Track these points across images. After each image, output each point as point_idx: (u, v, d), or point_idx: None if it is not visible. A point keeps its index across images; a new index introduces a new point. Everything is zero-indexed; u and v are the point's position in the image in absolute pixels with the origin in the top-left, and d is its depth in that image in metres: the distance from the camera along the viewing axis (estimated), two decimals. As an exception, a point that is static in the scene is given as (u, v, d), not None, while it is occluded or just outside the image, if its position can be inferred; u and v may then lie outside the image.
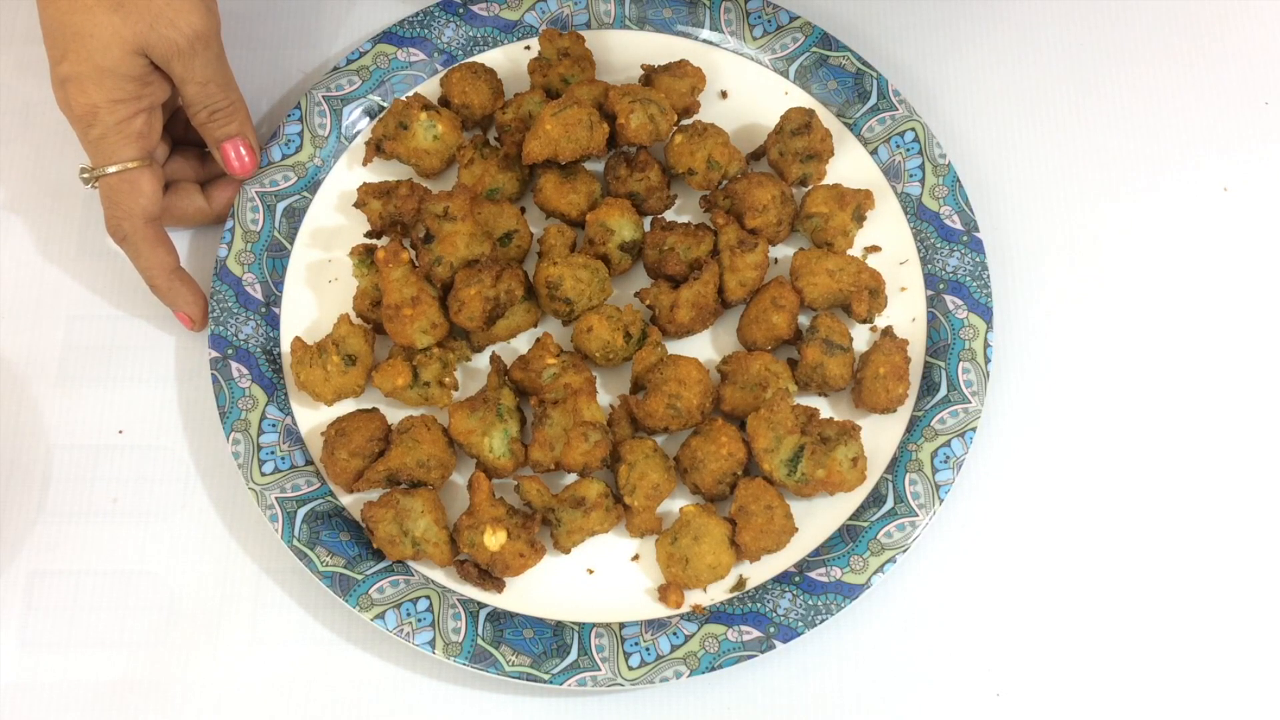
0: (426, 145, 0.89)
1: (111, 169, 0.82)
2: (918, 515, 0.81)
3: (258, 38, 0.97)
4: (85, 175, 0.83)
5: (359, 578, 0.80)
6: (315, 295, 0.89)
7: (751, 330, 0.85)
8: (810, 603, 0.79)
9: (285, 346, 0.87)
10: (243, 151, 0.87)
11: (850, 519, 0.82)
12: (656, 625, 0.80)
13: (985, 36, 0.98)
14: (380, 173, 0.92)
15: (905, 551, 0.81)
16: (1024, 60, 0.97)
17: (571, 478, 0.83)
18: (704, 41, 0.95)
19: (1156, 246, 0.92)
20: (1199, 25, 0.98)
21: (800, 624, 0.79)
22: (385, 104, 0.93)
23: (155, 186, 0.83)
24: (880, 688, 0.80)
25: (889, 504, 0.82)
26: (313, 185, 0.91)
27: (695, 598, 0.81)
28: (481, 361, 0.87)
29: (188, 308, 0.86)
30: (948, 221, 0.89)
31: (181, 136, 0.90)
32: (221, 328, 0.86)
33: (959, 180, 0.90)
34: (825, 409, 0.86)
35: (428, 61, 0.94)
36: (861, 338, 0.87)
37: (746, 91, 0.94)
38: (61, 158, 0.93)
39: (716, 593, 0.81)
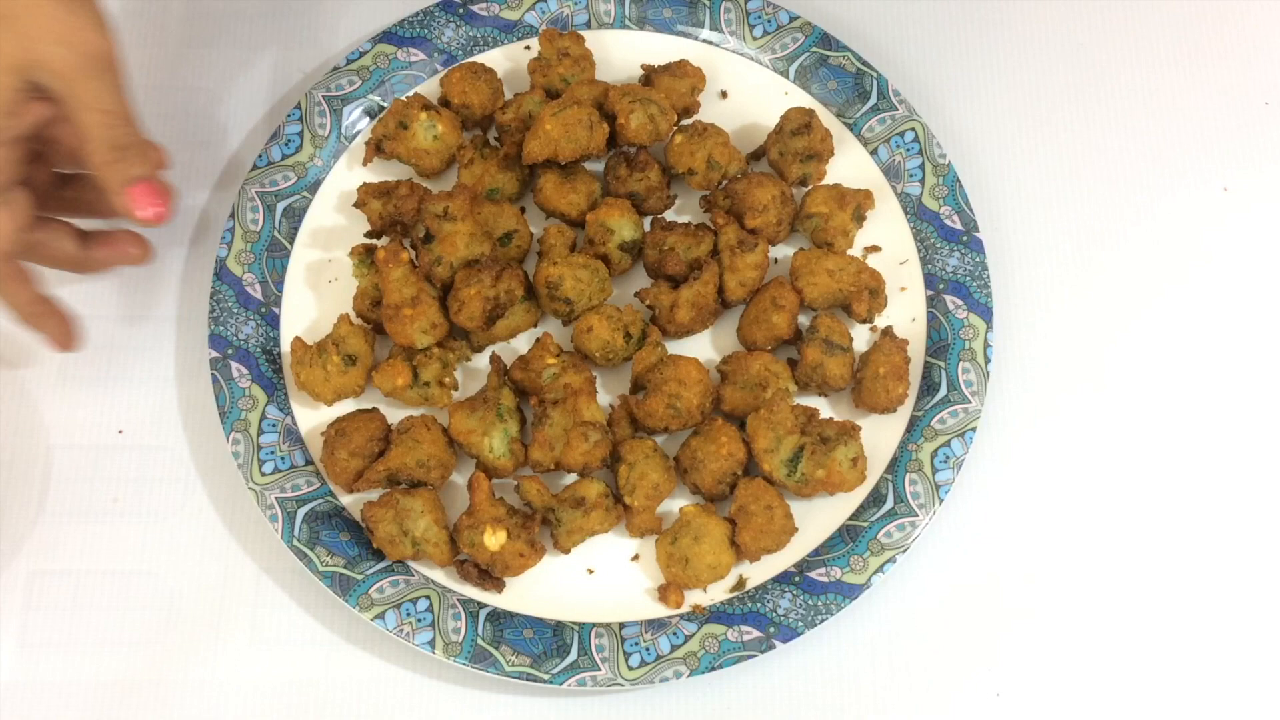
0: (426, 145, 0.89)
1: None
2: (918, 515, 0.81)
3: (258, 38, 0.97)
4: None
5: (359, 578, 0.80)
6: (315, 295, 0.89)
7: (751, 330, 0.85)
8: (810, 603, 0.79)
9: (285, 346, 0.87)
10: (148, 193, 0.75)
11: (850, 519, 0.82)
12: (656, 625, 0.80)
13: (986, 36, 0.98)
14: (380, 173, 0.92)
15: (905, 551, 0.81)
16: (1025, 60, 0.97)
17: (571, 478, 0.83)
18: (704, 41, 0.95)
19: (1156, 246, 0.92)
20: (1199, 25, 0.98)
21: (800, 624, 0.79)
22: (385, 104, 0.93)
23: (10, 226, 0.74)
24: (880, 688, 0.80)
25: (889, 504, 0.82)
26: (313, 185, 0.91)
27: (695, 598, 0.81)
28: (481, 361, 0.87)
29: (55, 335, 0.80)
30: (948, 221, 0.89)
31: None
32: (221, 328, 0.86)
33: (959, 180, 0.90)
34: (825, 409, 0.86)
35: (428, 61, 0.94)
36: (861, 338, 0.87)
37: (746, 91, 0.94)
38: (61, 158, 0.93)
39: (716, 593, 0.81)
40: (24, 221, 0.75)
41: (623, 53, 0.94)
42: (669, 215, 0.91)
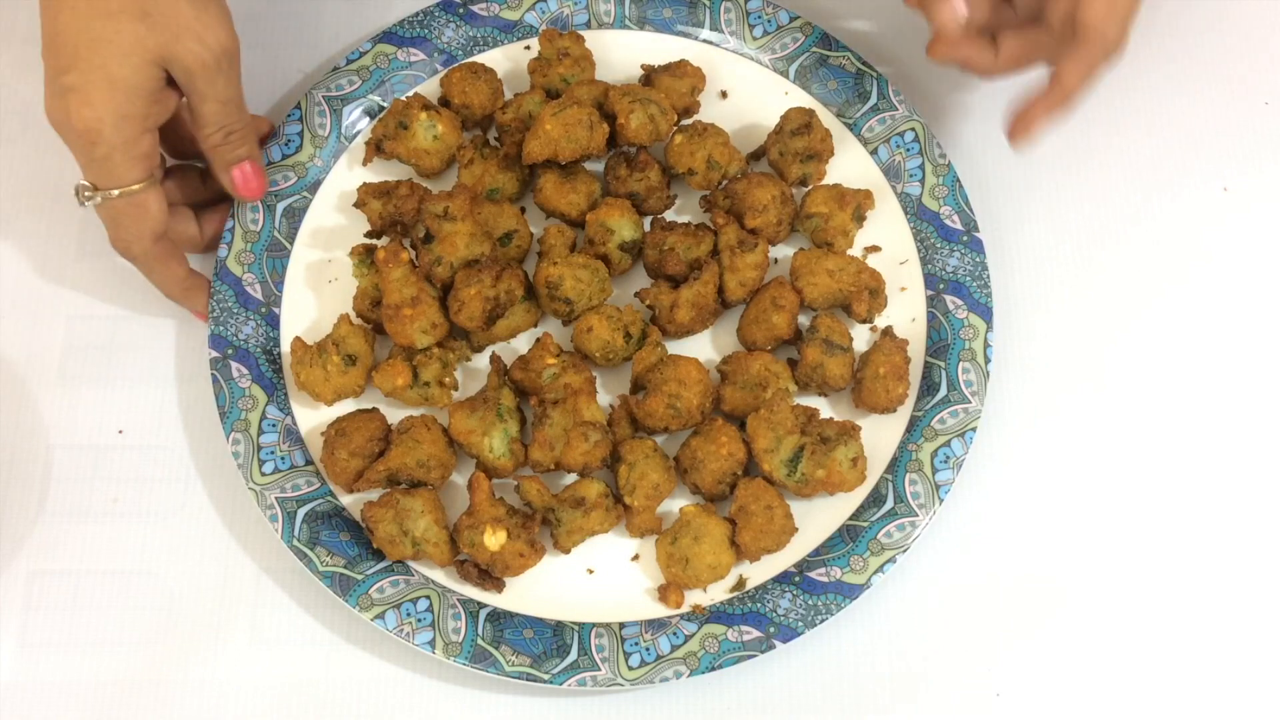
0: (426, 145, 0.89)
1: (116, 192, 0.79)
2: (918, 515, 0.81)
3: (258, 38, 0.97)
4: (88, 195, 0.79)
5: (359, 578, 0.80)
6: (315, 295, 0.89)
7: (751, 330, 0.85)
8: (810, 603, 0.79)
9: (285, 346, 0.87)
10: (249, 173, 0.85)
11: (850, 519, 0.82)
12: (656, 625, 0.80)
13: (985, 36, 0.98)
14: (380, 173, 0.92)
15: (905, 551, 0.81)
16: (1024, 60, 0.97)
17: (571, 478, 0.83)
18: (704, 41, 0.95)
19: (1156, 246, 0.92)
20: (1199, 25, 0.98)
21: (800, 624, 0.79)
22: (385, 104, 0.93)
23: (162, 205, 0.81)
24: (880, 688, 0.80)
25: (889, 504, 0.82)
26: (313, 185, 0.91)
27: (695, 598, 0.81)
28: (481, 361, 0.87)
29: (205, 308, 0.86)
30: (948, 221, 0.89)
31: (176, 155, 0.88)
32: (221, 328, 0.86)
33: (959, 180, 0.90)
34: (825, 409, 0.86)
35: (428, 61, 0.94)
36: (861, 338, 0.87)
37: (746, 91, 0.94)
38: (62, 158, 0.92)
39: (716, 593, 0.81)
40: (167, 204, 0.82)
41: (623, 53, 0.94)
42: (669, 215, 0.91)
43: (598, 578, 0.82)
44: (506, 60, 0.95)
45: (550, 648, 0.79)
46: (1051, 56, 0.81)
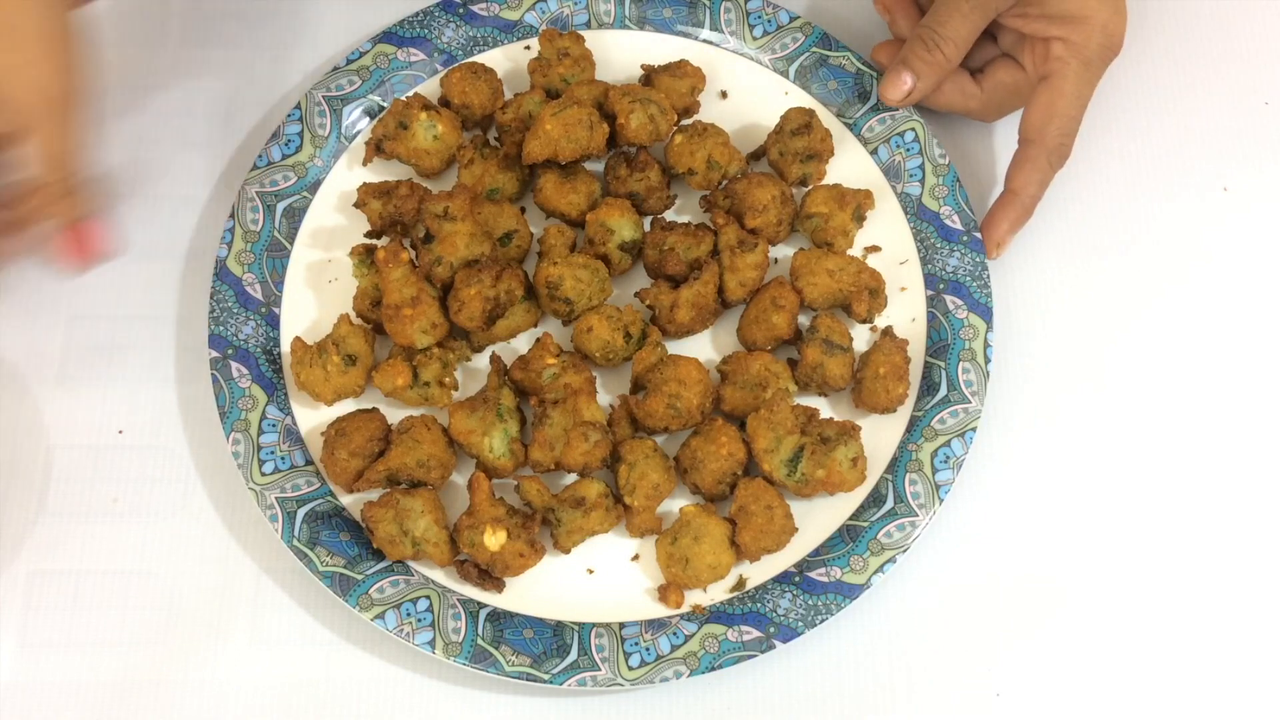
0: (426, 145, 0.89)
1: None
2: (918, 515, 0.81)
3: (258, 38, 0.97)
4: None
5: (359, 578, 0.80)
6: (315, 295, 0.89)
7: (751, 330, 0.85)
8: (810, 603, 0.79)
9: (285, 346, 0.87)
10: (73, 245, 0.77)
11: (850, 519, 0.82)
12: (656, 625, 0.80)
13: (985, 36, 0.98)
14: (380, 173, 0.92)
15: (905, 551, 0.81)
16: (1024, 60, 0.97)
17: (571, 478, 0.83)
18: (704, 41, 0.95)
19: (1156, 246, 0.92)
20: (1199, 25, 0.98)
21: (800, 624, 0.79)
22: (385, 104, 0.93)
23: None
24: (880, 688, 0.80)
25: (889, 504, 0.82)
26: (313, 185, 0.91)
27: (695, 598, 0.81)
28: (481, 361, 0.87)
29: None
30: (948, 221, 0.89)
31: None
32: (221, 328, 0.86)
33: (959, 180, 0.90)
34: (825, 409, 0.86)
35: (428, 61, 0.94)
36: (861, 338, 0.87)
37: (746, 91, 0.94)
38: (61, 158, 0.93)
39: (716, 593, 0.81)
40: None
41: (623, 53, 0.94)
42: (669, 215, 0.91)
43: (598, 578, 0.82)
44: (506, 60, 0.95)
45: (550, 648, 0.79)
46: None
